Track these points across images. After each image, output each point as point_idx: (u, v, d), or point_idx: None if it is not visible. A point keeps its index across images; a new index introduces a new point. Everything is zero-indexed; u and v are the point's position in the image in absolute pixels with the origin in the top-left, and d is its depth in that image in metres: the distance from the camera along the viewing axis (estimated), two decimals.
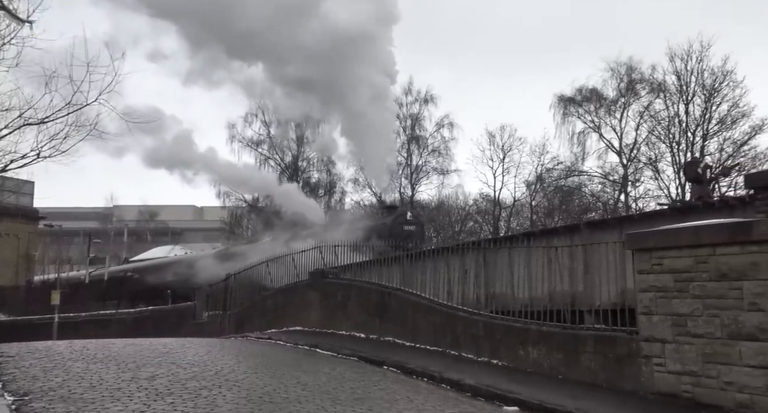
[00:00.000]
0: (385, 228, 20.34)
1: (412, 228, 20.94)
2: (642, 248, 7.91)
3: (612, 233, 10.56)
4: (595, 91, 35.35)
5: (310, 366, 9.92)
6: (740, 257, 6.80)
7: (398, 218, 21.16)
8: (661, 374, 7.48)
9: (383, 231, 20.02)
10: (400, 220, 21.03)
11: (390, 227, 20.43)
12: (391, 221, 20.88)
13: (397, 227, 20.41)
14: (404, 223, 20.85)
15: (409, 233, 20.43)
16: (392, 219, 21.12)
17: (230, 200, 43.24)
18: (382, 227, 20.54)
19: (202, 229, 58.39)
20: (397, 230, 20.10)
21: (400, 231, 20.09)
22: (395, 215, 21.59)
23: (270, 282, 18.17)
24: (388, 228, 20.26)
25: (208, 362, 9.65)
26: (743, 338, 6.68)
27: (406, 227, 20.69)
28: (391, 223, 20.72)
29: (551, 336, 9.33)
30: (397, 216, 21.47)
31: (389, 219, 21.29)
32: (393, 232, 19.74)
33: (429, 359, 10.52)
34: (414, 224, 21.35)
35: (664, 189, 32.52)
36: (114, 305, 29.03)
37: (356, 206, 39.01)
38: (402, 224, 20.73)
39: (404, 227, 20.60)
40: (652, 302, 7.67)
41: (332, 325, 14.58)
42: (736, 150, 30.45)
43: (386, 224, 20.78)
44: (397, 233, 19.73)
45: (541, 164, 37.05)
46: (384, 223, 21.15)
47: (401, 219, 21.14)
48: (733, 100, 30.73)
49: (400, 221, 20.88)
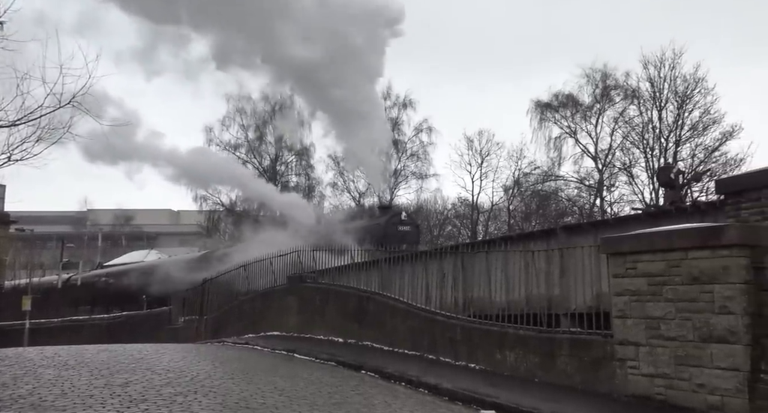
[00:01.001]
0: (379, 229, 19.79)
1: (407, 229, 20.33)
2: (616, 252, 8.03)
3: (588, 238, 10.68)
4: (571, 97, 35.83)
5: (287, 371, 9.86)
6: (711, 261, 6.94)
7: (392, 219, 20.50)
8: (634, 376, 7.59)
9: (377, 232, 19.51)
10: (394, 220, 20.37)
11: (384, 227, 19.84)
12: (385, 222, 20.23)
13: (391, 227, 19.83)
14: (399, 223, 20.23)
15: (404, 234, 19.86)
16: (386, 220, 20.45)
17: (207, 204, 42.86)
18: (375, 228, 19.99)
19: (178, 233, 57.71)
20: (391, 230, 19.58)
21: (395, 232, 19.58)
22: (389, 216, 20.88)
23: (248, 286, 18.01)
24: (382, 229, 19.71)
25: (183, 368, 9.53)
26: (714, 340, 6.81)
27: (401, 227, 20.09)
28: (385, 223, 20.09)
29: (528, 340, 9.41)
30: (392, 216, 20.78)
31: (383, 219, 20.62)
32: (387, 233, 19.28)
33: (407, 363, 10.53)
34: (409, 225, 20.70)
35: (638, 194, 33.05)
36: (87, 310, 28.54)
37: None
38: (396, 224, 20.12)
39: (399, 227, 20.02)
40: (627, 305, 7.78)
41: (310, 329, 14.51)
42: (707, 156, 31.07)
43: (380, 225, 20.16)
44: (391, 233, 19.28)
45: (519, 169, 37.41)
46: (378, 223, 20.50)
47: (395, 219, 20.48)
48: (704, 106, 31.38)
49: (394, 222, 20.25)
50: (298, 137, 40.39)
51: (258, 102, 42.93)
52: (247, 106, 42.81)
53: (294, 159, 43.56)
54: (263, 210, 32.93)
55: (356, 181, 42.08)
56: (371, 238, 19.01)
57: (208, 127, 42.12)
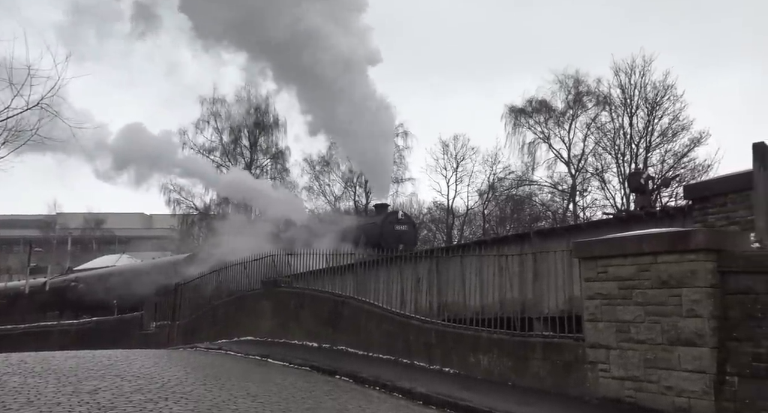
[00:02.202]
0: (376, 228, 19.18)
1: (404, 228, 19.54)
2: (588, 256, 8.15)
3: (560, 242, 10.82)
4: (544, 103, 36.27)
5: (260, 377, 9.78)
6: (679, 265, 7.08)
7: (389, 218, 19.73)
8: (605, 379, 7.70)
9: (373, 231, 18.98)
10: (391, 219, 19.60)
11: (380, 226, 19.17)
12: (382, 221, 19.51)
13: (387, 226, 19.14)
14: (395, 222, 19.48)
15: (401, 233, 19.16)
16: (382, 219, 19.70)
17: (180, 207, 42.35)
18: (372, 227, 19.36)
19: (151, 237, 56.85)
20: (388, 230, 18.94)
21: (392, 231, 18.93)
22: (386, 215, 20.10)
23: (221, 291, 17.81)
24: (378, 228, 19.09)
25: (154, 374, 9.38)
26: (682, 343, 6.94)
27: (398, 226, 19.33)
28: (382, 223, 19.38)
29: (501, 343, 9.48)
30: (388, 215, 20.02)
31: (379, 219, 19.89)
32: (384, 232, 18.74)
33: (382, 367, 10.52)
34: (406, 224, 19.89)
35: (610, 199, 33.56)
36: (56, 316, 27.93)
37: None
38: (393, 223, 19.38)
39: (395, 226, 19.27)
40: (598, 309, 7.90)
41: (284, 334, 14.42)
42: (676, 162, 31.71)
43: (376, 224, 19.48)
44: (388, 233, 18.73)
45: (493, 174, 37.69)
46: (374, 222, 19.82)
47: (392, 218, 19.72)
48: (673, 113, 32.04)
49: (391, 221, 19.49)
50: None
51: (233, 105, 42.66)
52: (221, 109, 42.52)
53: (269, 163, 43.30)
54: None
55: (332, 185, 42.03)
56: (367, 238, 18.48)
57: (182, 130, 41.66)
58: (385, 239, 18.27)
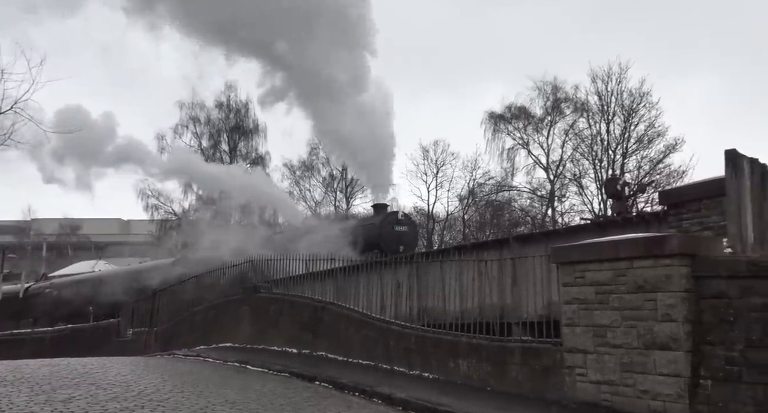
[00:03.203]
0: (374, 229, 18.56)
1: (404, 229, 18.86)
2: (566, 261, 8.22)
3: (539, 247, 10.91)
4: (523, 109, 36.67)
5: (239, 383, 9.69)
6: (654, 270, 7.18)
7: (388, 218, 19.02)
8: (582, 384, 7.77)
9: (372, 232, 18.36)
10: (390, 219, 18.92)
11: (379, 227, 18.53)
12: (381, 222, 18.83)
13: (386, 227, 18.51)
14: (395, 223, 18.79)
15: (401, 234, 18.56)
16: (381, 219, 19.00)
17: (159, 213, 41.92)
18: (370, 228, 18.73)
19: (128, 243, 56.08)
20: (386, 230, 18.38)
21: (391, 232, 18.37)
22: (385, 215, 19.37)
23: (200, 297, 17.64)
24: (377, 229, 18.49)
25: (130, 381, 9.25)
26: (657, 347, 7.04)
27: (397, 227, 18.68)
28: (381, 223, 18.73)
29: (481, 348, 9.52)
30: (387, 216, 19.28)
31: (378, 219, 19.17)
32: (383, 233, 18.19)
33: (361, 373, 10.50)
34: (406, 225, 19.21)
35: (588, 204, 33.98)
36: (30, 323, 27.39)
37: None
38: (392, 224, 18.71)
39: (395, 227, 18.62)
40: (575, 313, 7.97)
41: (264, 340, 14.32)
42: (652, 168, 32.23)
43: (375, 225, 18.81)
44: (387, 234, 18.18)
45: (473, 179, 37.96)
46: (372, 223, 19.14)
47: (391, 218, 19.02)
48: (649, 120, 32.59)
49: (390, 221, 18.82)
50: None
51: (212, 110, 42.42)
52: (201, 113, 42.25)
53: (249, 168, 43.04)
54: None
55: (312, 190, 41.93)
56: (366, 239, 18.00)
57: (160, 134, 41.29)
58: (384, 241, 17.86)
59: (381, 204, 20.78)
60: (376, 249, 17.63)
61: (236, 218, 35.50)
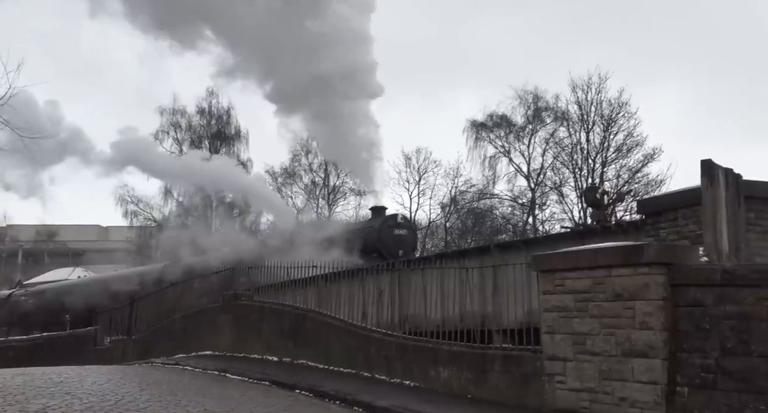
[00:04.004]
0: (373, 232, 18.21)
1: (404, 232, 18.56)
2: (546, 269, 8.29)
3: (520, 255, 10.97)
4: (504, 118, 36.99)
5: (218, 392, 9.60)
6: (632, 278, 7.27)
7: (387, 221, 18.69)
8: (562, 391, 7.82)
9: (370, 236, 18.04)
10: (389, 223, 18.57)
11: (378, 231, 18.17)
12: (379, 225, 18.46)
13: (386, 231, 18.17)
14: (394, 226, 18.47)
15: (400, 238, 18.23)
16: (380, 222, 18.65)
17: (138, 219, 41.48)
18: (369, 231, 18.40)
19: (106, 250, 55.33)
20: (386, 234, 18.06)
21: (390, 236, 18.06)
22: (383, 218, 18.99)
23: (180, 304, 17.46)
24: (375, 232, 18.13)
25: (107, 391, 9.11)
26: (635, 355, 7.12)
27: (397, 231, 18.37)
28: (380, 226, 18.36)
29: (461, 356, 9.54)
30: (386, 219, 18.93)
31: (377, 222, 18.79)
32: (381, 237, 17.86)
33: (342, 381, 10.46)
34: (405, 228, 18.92)
35: (568, 213, 34.35)
36: (3, 332, 26.84)
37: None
38: (392, 227, 18.38)
39: (394, 231, 18.30)
40: (555, 321, 8.03)
41: (244, 349, 14.21)
42: (631, 177, 32.69)
43: (373, 228, 18.46)
44: (386, 238, 17.87)
45: (455, 187, 38.12)
46: (371, 226, 18.78)
47: (391, 222, 18.68)
48: (628, 129, 33.08)
49: (389, 224, 18.47)
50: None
51: (193, 116, 42.18)
52: (182, 120, 41.99)
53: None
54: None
55: (294, 197, 41.79)
56: (364, 243, 17.73)
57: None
58: (383, 245, 17.59)
59: (379, 207, 20.41)
60: (374, 253, 17.42)
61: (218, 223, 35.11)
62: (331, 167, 41.65)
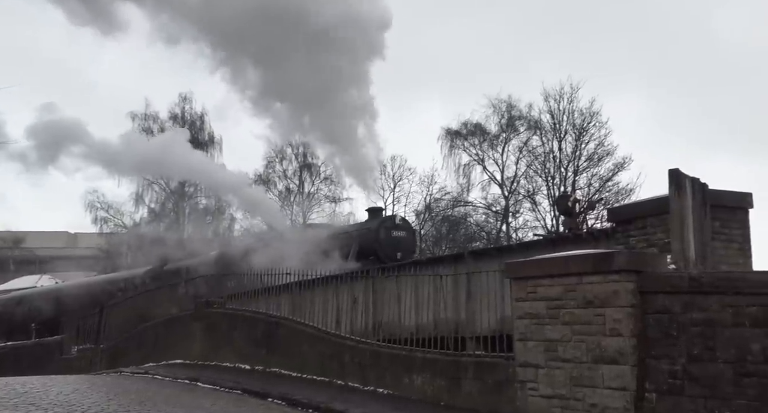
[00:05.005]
0: (370, 234, 17.79)
1: (402, 234, 18.11)
2: (519, 276, 8.36)
3: (493, 262, 11.05)
4: (479, 126, 37.31)
5: (188, 401, 9.45)
6: (603, 285, 7.37)
7: (385, 223, 18.28)
8: (534, 398, 7.88)
9: (368, 238, 17.67)
10: (387, 224, 18.16)
11: (376, 233, 17.74)
12: (377, 227, 18.02)
13: (384, 232, 17.73)
14: (393, 228, 18.01)
15: (399, 240, 17.83)
16: (378, 224, 18.20)
17: (108, 226, 40.76)
18: (366, 234, 17.98)
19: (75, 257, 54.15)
20: (384, 236, 17.63)
21: (389, 238, 17.63)
22: (381, 220, 18.64)
23: (151, 312, 17.17)
24: (373, 234, 17.71)
25: (73, 401, 8.90)
26: (605, 361, 7.21)
27: (395, 232, 17.92)
28: (377, 228, 17.91)
29: (435, 363, 9.56)
30: (384, 220, 18.57)
31: (374, 224, 18.32)
32: (379, 239, 17.49)
33: (315, 389, 10.39)
34: (404, 230, 18.40)
35: (541, 220, 34.74)
36: None
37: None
38: (390, 229, 17.92)
39: (393, 232, 17.85)
40: (528, 328, 8.10)
41: (216, 357, 14.04)
42: (602, 185, 33.25)
43: (371, 230, 17.98)
44: (384, 240, 17.48)
45: (430, 194, 38.31)
46: (368, 228, 18.30)
47: (389, 223, 18.27)
48: (599, 139, 33.67)
49: (387, 226, 18.03)
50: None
51: (166, 121, 41.69)
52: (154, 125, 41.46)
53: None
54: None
55: None
56: (361, 246, 17.44)
57: None
58: (381, 247, 17.31)
59: (376, 208, 19.94)
60: (372, 256, 17.13)
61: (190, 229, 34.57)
62: (305, 174, 41.55)
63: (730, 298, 6.48)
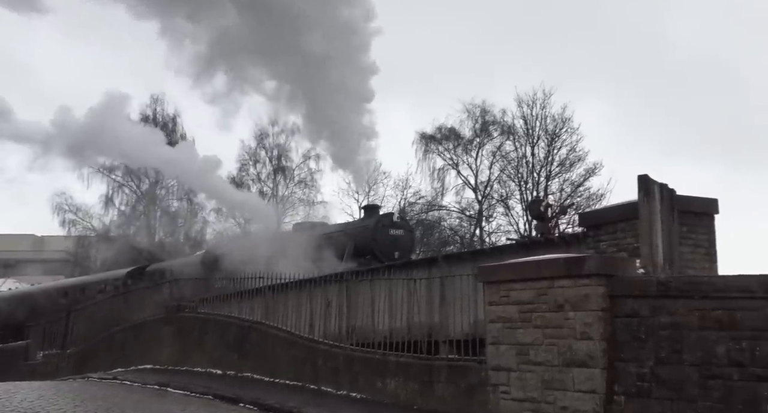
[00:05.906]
0: (367, 233, 17.33)
1: (400, 233, 17.70)
2: (491, 280, 8.41)
3: (466, 266, 11.10)
4: (453, 131, 37.57)
5: (158, 407, 9.31)
6: (573, 289, 7.46)
7: (382, 221, 17.73)
8: (506, 401, 7.93)
9: (365, 237, 17.20)
10: (384, 222, 17.63)
11: (373, 231, 17.27)
12: (374, 225, 17.52)
13: (381, 231, 17.30)
14: (390, 226, 17.57)
15: (396, 238, 17.44)
16: (375, 222, 17.70)
17: (77, 229, 39.94)
18: (362, 232, 17.51)
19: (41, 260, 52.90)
20: (381, 235, 17.20)
21: (386, 236, 17.24)
22: (378, 218, 18.06)
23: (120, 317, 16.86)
24: (370, 233, 17.25)
25: (38, 408, 8.68)
26: (576, 365, 7.30)
27: (393, 231, 17.50)
28: (374, 227, 17.44)
29: (408, 367, 9.57)
30: (381, 218, 17.97)
31: (371, 222, 17.85)
32: (376, 237, 17.05)
33: (288, 394, 10.32)
34: (402, 228, 17.98)
35: (514, 225, 35.07)
36: None
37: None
38: (387, 227, 17.47)
39: (390, 231, 17.44)
40: (500, 332, 8.16)
41: (187, 362, 13.84)
42: (573, 191, 33.74)
43: (368, 228, 17.52)
44: (382, 239, 17.07)
45: (404, 198, 38.40)
46: (365, 226, 17.83)
47: (386, 221, 17.74)
48: (570, 145, 34.20)
49: (384, 224, 17.55)
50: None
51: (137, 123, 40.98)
52: None
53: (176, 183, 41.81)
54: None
55: None
56: (357, 245, 17.06)
57: None
58: (378, 246, 16.98)
59: (372, 205, 19.44)
60: (368, 255, 16.83)
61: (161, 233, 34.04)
62: (280, 177, 41.32)
63: (697, 302, 6.62)
